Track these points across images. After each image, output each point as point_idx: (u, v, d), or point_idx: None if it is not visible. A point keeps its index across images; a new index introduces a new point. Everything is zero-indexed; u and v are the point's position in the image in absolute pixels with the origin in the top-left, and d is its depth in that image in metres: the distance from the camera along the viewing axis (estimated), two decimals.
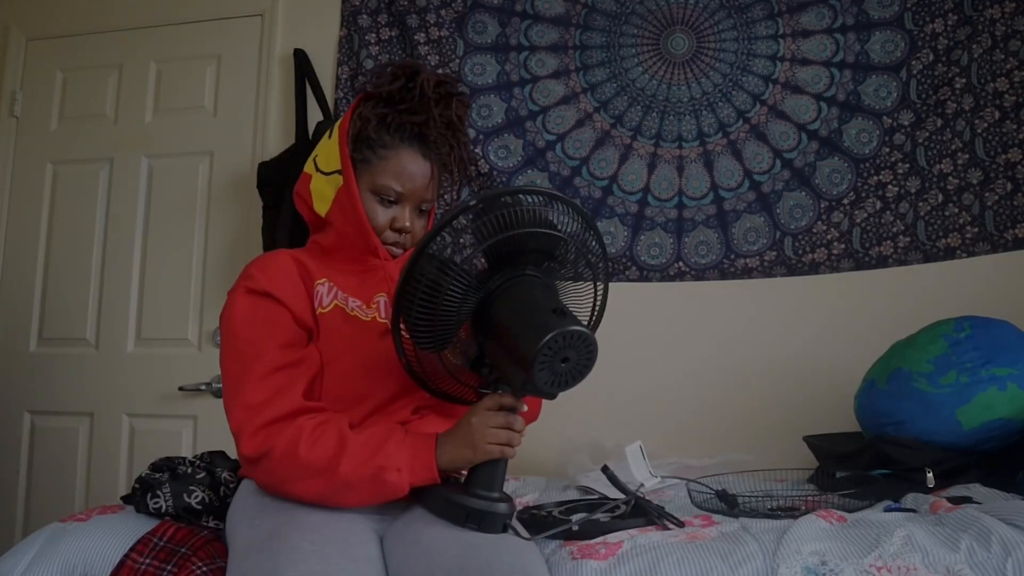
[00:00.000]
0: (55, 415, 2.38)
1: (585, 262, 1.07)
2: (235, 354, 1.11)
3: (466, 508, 1.01)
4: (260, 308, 1.13)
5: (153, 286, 2.37)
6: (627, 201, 2.17)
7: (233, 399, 1.08)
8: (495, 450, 1.02)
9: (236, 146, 2.36)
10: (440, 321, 1.01)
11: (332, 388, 1.15)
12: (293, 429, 1.04)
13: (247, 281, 1.15)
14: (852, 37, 2.12)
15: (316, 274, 1.19)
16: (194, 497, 1.21)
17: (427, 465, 1.03)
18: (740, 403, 2.02)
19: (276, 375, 1.08)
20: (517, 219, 1.00)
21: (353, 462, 1.01)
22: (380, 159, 1.21)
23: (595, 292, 1.11)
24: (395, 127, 1.21)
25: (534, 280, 1.03)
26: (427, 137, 1.22)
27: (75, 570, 1.08)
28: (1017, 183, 1.95)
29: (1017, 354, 1.44)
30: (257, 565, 0.95)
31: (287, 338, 1.12)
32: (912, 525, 1.07)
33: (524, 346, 0.94)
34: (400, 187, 1.21)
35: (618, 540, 1.09)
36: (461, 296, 1.00)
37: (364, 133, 1.21)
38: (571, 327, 0.93)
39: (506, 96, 2.25)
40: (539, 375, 0.94)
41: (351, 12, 2.33)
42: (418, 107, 1.21)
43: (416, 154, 1.22)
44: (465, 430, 1.03)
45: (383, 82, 1.22)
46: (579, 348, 0.95)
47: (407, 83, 1.21)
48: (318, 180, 1.24)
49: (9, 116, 2.52)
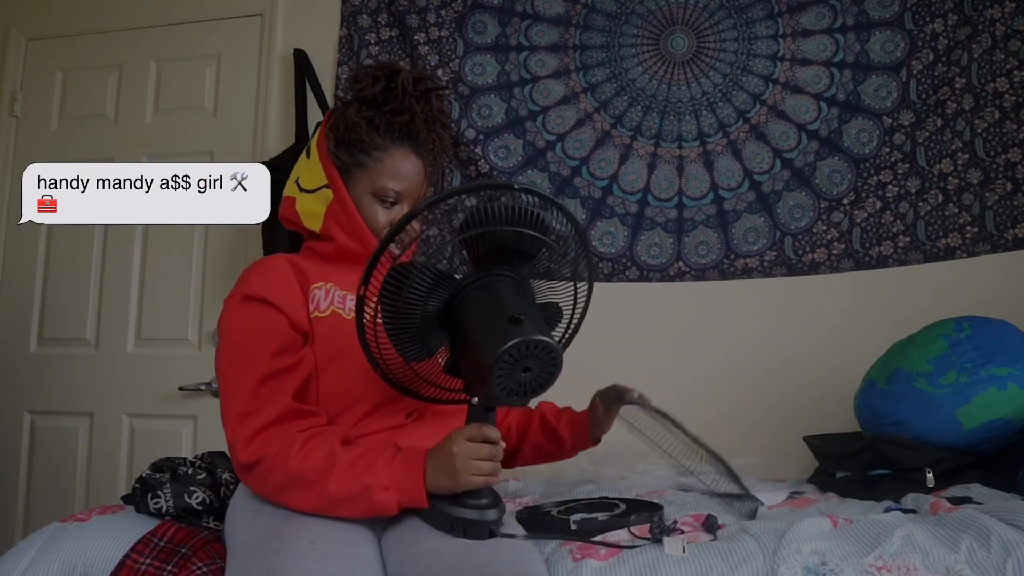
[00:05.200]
0: (55, 415, 2.37)
1: (565, 261, 1.05)
2: (229, 362, 1.12)
3: (452, 517, 1.00)
4: (255, 314, 1.13)
5: (153, 286, 2.36)
6: (627, 201, 2.17)
7: (228, 408, 1.09)
8: (479, 481, 1.00)
9: (236, 146, 2.35)
10: (403, 318, 0.98)
11: (327, 392, 1.15)
12: (285, 439, 1.04)
13: (244, 287, 1.16)
14: (852, 37, 2.12)
15: (313, 277, 1.20)
16: (195, 497, 1.21)
17: (415, 486, 1.01)
18: (740, 403, 2.02)
19: (269, 382, 1.08)
20: (490, 216, 0.97)
21: (342, 480, 1.01)
22: (375, 161, 1.23)
23: (575, 292, 1.09)
24: (384, 128, 1.23)
25: (504, 280, 1.00)
26: (415, 134, 1.24)
27: (75, 570, 1.08)
28: (1017, 183, 1.95)
29: (1017, 354, 1.44)
30: (256, 565, 0.96)
31: (281, 344, 1.12)
32: (912, 525, 1.07)
33: (483, 354, 0.91)
34: (398, 186, 1.23)
35: (617, 540, 1.09)
36: (425, 293, 0.98)
37: (356, 137, 1.22)
38: (533, 336, 0.89)
39: (506, 96, 2.25)
40: (497, 385, 0.91)
41: (351, 12, 2.33)
42: (401, 106, 1.23)
43: (408, 152, 1.24)
44: (447, 460, 1.00)
45: (364, 85, 1.24)
46: (541, 358, 0.91)
47: (388, 84, 1.23)
48: (304, 200, 1.26)
49: (9, 116, 2.52)
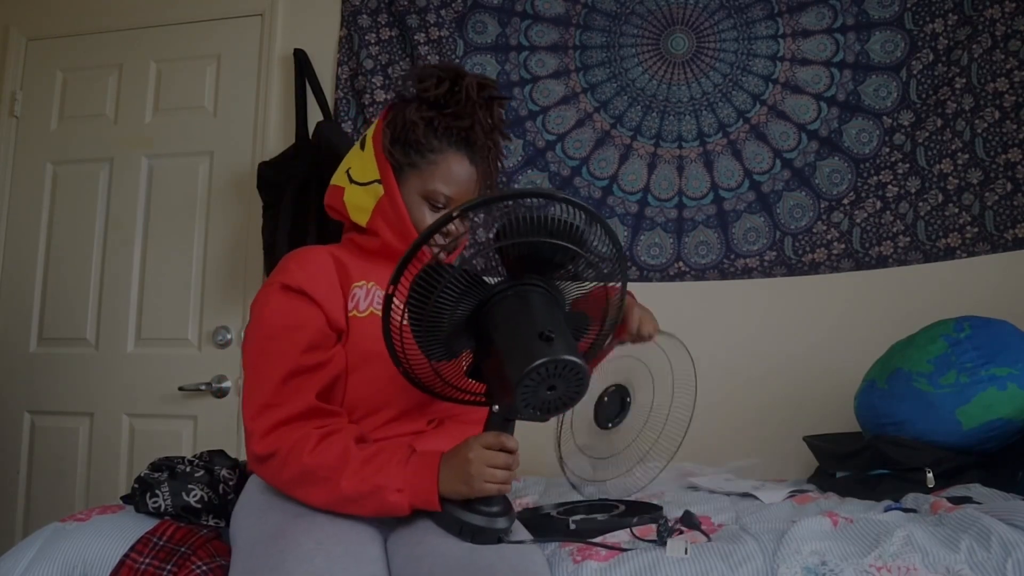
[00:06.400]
0: (55, 415, 2.37)
1: (596, 273, 1.03)
2: (259, 351, 1.11)
3: (461, 522, 0.99)
4: (292, 306, 1.12)
5: (153, 286, 2.36)
6: (627, 201, 2.17)
7: (251, 397, 1.09)
8: (492, 489, 0.99)
9: (236, 146, 2.35)
10: (430, 318, 0.97)
11: (353, 393, 1.14)
12: (301, 434, 1.04)
13: (283, 276, 1.14)
14: (852, 37, 2.12)
15: (356, 275, 1.18)
16: (193, 496, 1.21)
17: (429, 489, 1.01)
18: (740, 403, 2.02)
19: (296, 378, 1.08)
20: (524, 226, 0.95)
21: (355, 479, 1.01)
22: (429, 163, 1.21)
23: (607, 299, 1.07)
24: (442, 131, 1.21)
25: (537, 291, 0.98)
26: (473, 141, 1.22)
27: (75, 570, 1.08)
28: (1017, 183, 1.95)
29: (1017, 354, 1.44)
30: (262, 562, 0.96)
31: (313, 339, 1.11)
32: (912, 525, 1.07)
33: (510, 368, 0.89)
34: (449, 191, 1.21)
35: (617, 541, 1.09)
36: (456, 296, 0.97)
37: (412, 137, 1.20)
38: (562, 356, 0.87)
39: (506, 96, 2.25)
40: (521, 400, 0.89)
41: (351, 12, 2.33)
42: (463, 111, 1.21)
43: (463, 158, 1.22)
44: (463, 466, 0.99)
45: (428, 86, 1.21)
46: (568, 378, 0.89)
47: (452, 87, 1.20)
48: (353, 191, 1.23)
49: (9, 116, 2.52)
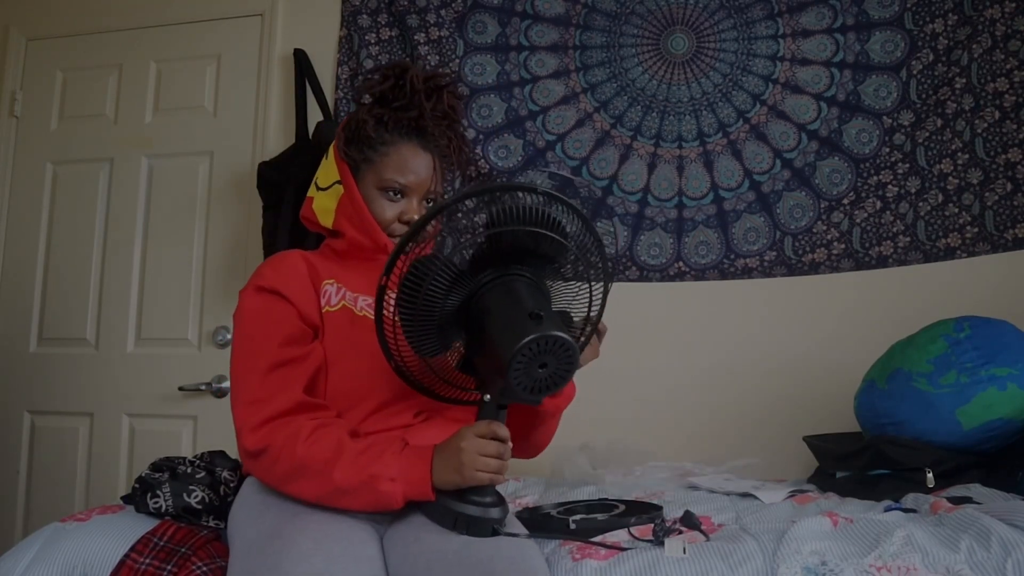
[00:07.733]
0: (55, 415, 2.37)
1: (584, 263, 1.06)
2: (240, 350, 1.14)
3: (455, 513, 1.00)
4: (266, 305, 1.16)
5: (153, 286, 2.36)
6: (627, 201, 2.17)
7: (237, 395, 1.12)
8: (484, 478, 1.00)
9: (236, 146, 2.35)
10: (422, 311, 0.99)
11: (335, 387, 1.16)
12: (293, 427, 1.05)
13: (257, 279, 1.19)
14: (852, 37, 2.12)
15: (324, 274, 1.22)
16: (194, 497, 1.21)
17: (422, 479, 1.02)
18: (740, 403, 2.02)
19: (278, 371, 1.10)
20: (509, 216, 0.98)
21: (348, 470, 1.02)
22: (381, 156, 1.24)
23: (590, 295, 1.10)
24: (392, 124, 1.25)
25: (521, 280, 1.01)
26: (424, 130, 1.25)
27: (75, 570, 1.08)
28: (1017, 183, 1.95)
29: (1017, 354, 1.44)
30: (260, 563, 0.96)
31: (290, 334, 1.14)
32: (912, 525, 1.07)
33: (502, 349, 0.92)
34: (403, 179, 1.24)
35: (617, 541, 1.09)
36: (445, 290, 0.99)
37: (363, 134, 1.24)
38: (550, 332, 0.90)
39: (506, 96, 2.25)
40: (514, 379, 0.92)
41: (351, 12, 2.33)
42: (411, 103, 1.24)
43: (416, 147, 1.25)
44: (455, 454, 1.01)
45: (374, 84, 1.26)
46: (558, 354, 0.92)
47: (397, 81, 1.24)
48: (319, 198, 1.29)
49: (9, 116, 2.52)
